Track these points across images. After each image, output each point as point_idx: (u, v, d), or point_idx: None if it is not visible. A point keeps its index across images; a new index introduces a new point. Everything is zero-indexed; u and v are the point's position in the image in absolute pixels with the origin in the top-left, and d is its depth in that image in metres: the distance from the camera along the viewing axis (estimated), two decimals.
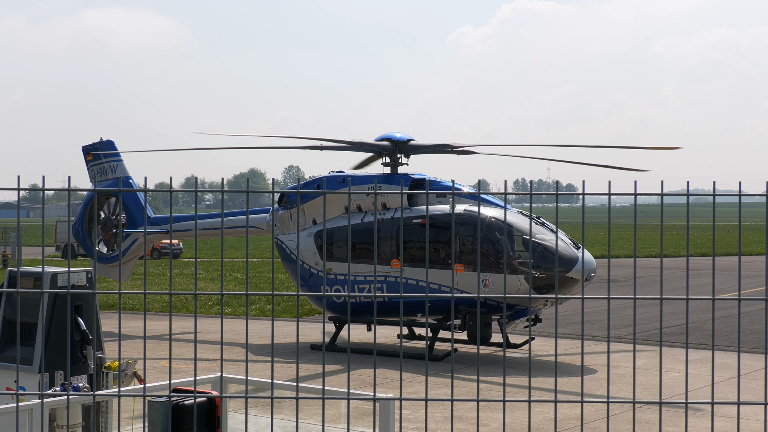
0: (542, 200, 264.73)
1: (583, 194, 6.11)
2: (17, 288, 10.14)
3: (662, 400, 5.87)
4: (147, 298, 32.11)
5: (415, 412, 14.45)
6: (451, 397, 5.25)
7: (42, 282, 10.02)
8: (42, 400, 6.41)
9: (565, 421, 13.97)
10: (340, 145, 21.81)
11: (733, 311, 28.04)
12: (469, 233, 20.26)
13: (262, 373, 17.99)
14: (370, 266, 20.92)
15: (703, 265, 49.01)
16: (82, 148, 26.36)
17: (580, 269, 19.33)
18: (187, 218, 25.11)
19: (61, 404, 8.35)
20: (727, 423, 13.72)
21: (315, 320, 27.30)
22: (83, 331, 9.77)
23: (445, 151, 21.97)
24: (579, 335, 23.53)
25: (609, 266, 8.04)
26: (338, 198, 21.72)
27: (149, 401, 6.48)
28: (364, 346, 21.56)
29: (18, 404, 6.18)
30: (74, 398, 7.48)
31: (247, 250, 5.14)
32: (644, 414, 14.44)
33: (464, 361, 19.98)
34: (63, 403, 8.30)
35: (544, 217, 22.54)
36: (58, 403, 8.24)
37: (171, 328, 5.08)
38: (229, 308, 30.06)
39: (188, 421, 6.35)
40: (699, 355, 20.56)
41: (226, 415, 6.61)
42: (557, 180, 6.41)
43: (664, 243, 77.10)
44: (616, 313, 27.67)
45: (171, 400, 6.31)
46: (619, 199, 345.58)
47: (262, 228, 23.67)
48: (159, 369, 18.21)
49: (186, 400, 6.41)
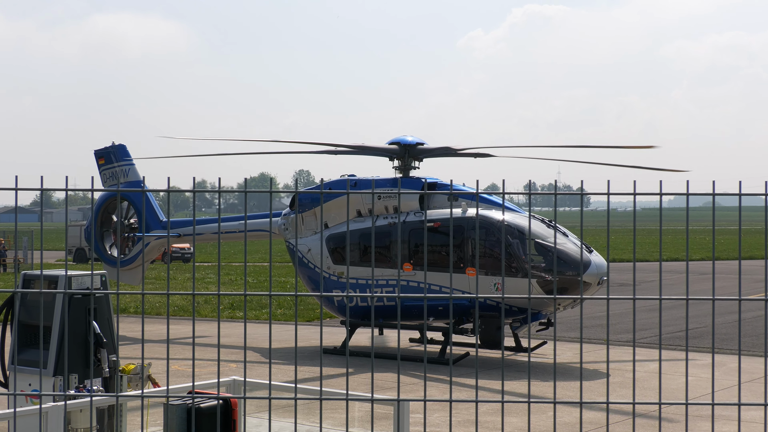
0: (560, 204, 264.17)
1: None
2: (38, 290, 10.16)
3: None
4: (155, 304, 32.14)
5: (428, 416, 14.41)
6: (475, 398, 5.22)
7: (57, 285, 10.04)
8: (65, 401, 6.40)
9: (583, 425, 13.90)
10: (351, 149, 21.83)
11: (748, 314, 27.91)
12: (482, 237, 20.22)
13: (274, 377, 17.97)
14: (381, 270, 20.89)
15: (727, 268, 48.80)
16: (94, 152, 26.41)
17: (592, 273, 19.28)
18: (203, 222, 25.08)
19: (75, 407, 8.35)
20: (732, 428, 13.62)
21: (329, 324, 27.29)
22: (97, 335, 9.77)
23: (456, 154, 21.95)
24: (590, 340, 23.45)
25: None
26: (351, 202, 21.71)
27: (166, 404, 6.46)
28: (376, 351, 21.53)
29: (40, 406, 6.16)
30: (95, 400, 7.47)
31: (270, 249, 5.13)
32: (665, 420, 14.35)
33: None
34: (77, 407, 8.29)
35: (560, 221, 22.50)
36: (73, 406, 8.23)
37: (194, 330, 5.07)
38: (239, 311, 30.05)
39: (205, 424, 6.34)
40: (710, 359, 20.45)
41: (244, 418, 6.60)
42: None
43: (676, 247, 76.61)
44: (628, 317, 27.58)
45: (191, 402, 6.30)
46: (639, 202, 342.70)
47: (274, 232, 23.68)
48: (171, 373, 18.19)
49: (203, 403, 6.40)
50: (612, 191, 5.98)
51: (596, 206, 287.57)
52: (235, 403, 6.54)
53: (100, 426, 9.49)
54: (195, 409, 6.27)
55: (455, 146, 21.31)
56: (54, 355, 9.80)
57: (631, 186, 6.04)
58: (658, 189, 5.11)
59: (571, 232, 21.04)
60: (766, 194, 6.09)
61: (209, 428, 6.43)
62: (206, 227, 24.35)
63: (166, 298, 5.05)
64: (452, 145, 21.41)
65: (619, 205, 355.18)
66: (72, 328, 9.77)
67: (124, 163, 25.86)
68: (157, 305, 31.39)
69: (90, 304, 9.90)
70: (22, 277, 10.55)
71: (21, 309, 10.20)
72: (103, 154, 26.06)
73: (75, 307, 9.73)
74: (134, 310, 30.36)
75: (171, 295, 6.10)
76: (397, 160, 21.98)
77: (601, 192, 6.05)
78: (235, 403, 6.54)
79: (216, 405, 6.38)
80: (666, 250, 70.15)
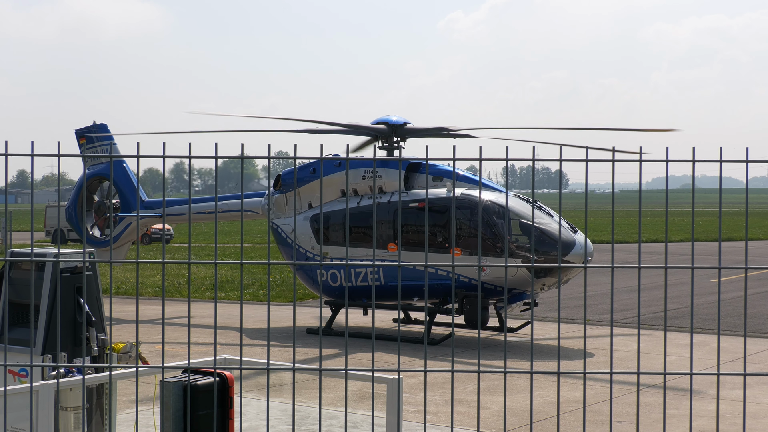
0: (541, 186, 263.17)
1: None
2: (23, 269, 10.05)
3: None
4: (139, 283, 31.99)
5: (415, 395, 14.42)
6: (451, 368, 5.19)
7: (45, 264, 9.92)
8: (58, 380, 6.32)
9: (565, 404, 13.96)
10: (336, 128, 21.69)
11: (728, 295, 28.10)
12: (466, 217, 20.21)
13: (261, 356, 17.93)
14: (365, 250, 20.86)
15: (707, 250, 49.10)
16: (75, 132, 26.17)
17: (577, 253, 19.32)
18: (180, 202, 24.93)
19: (65, 386, 8.27)
20: (726, 406, 13.73)
21: (311, 305, 27.25)
22: (86, 313, 9.68)
23: (441, 134, 21.89)
24: (575, 320, 23.55)
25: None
26: (334, 182, 21.64)
27: (162, 381, 6.40)
28: (360, 330, 21.52)
29: (31, 384, 6.09)
30: (88, 378, 7.40)
31: (242, 215, 5.06)
32: (644, 397, 14.44)
33: (462, 344, 19.95)
34: (67, 385, 8.21)
35: (542, 202, 22.52)
36: (63, 385, 8.15)
37: (190, 298, 5.01)
38: (222, 292, 29.98)
39: (201, 401, 6.28)
40: (697, 339, 20.55)
41: (240, 395, 6.55)
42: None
43: (654, 228, 76.88)
44: (608, 299, 27.70)
45: (186, 379, 6.24)
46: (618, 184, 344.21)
47: (257, 212, 23.57)
48: (156, 353, 18.11)
49: (199, 381, 6.34)
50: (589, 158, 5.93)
51: (575, 188, 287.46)
52: (232, 380, 6.49)
53: (89, 405, 9.42)
54: (192, 386, 6.21)
55: (450, 126, 21.17)
56: (42, 334, 9.70)
57: (610, 167, 6.01)
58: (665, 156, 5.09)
59: (555, 212, 21.06)
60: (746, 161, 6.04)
61: (205, 405, 6.38)
62: (193, 207, 24.19)
63: (161, 267, 4.99)
64: (447, 126, 21.27)
65: (597, 187, 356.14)
66: (61, 306, 9.67)
67: (106, 142, 25.65)
68: (142, 286, 31.22)
69: (76, 283, 9.80)
70: (8, 255, 10.42)
71: (9, 287, 10.09)
72: (84, 134, 25.83)
73: (64, 286, 9.63)
74: (116, 290, 30.18)
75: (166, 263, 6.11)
76: (383, 141, 21.89)
77: (580, 159, 5.98)
78: (232, 380, 6.49)
79: (213, 382, 6.32)
80: (645, 231, 70.49)
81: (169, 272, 36.67)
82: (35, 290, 9.89)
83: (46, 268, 9.76)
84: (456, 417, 13.02)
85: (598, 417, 13.13)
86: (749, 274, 30.23)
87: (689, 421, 5.39)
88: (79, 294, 9.64)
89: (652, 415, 13.29)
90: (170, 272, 36.62)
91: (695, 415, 13.04)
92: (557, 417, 5.31)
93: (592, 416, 13.17)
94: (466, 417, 13.09)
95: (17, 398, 7.81)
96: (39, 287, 9.83)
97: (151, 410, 10.03)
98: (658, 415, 13.11)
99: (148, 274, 35.92)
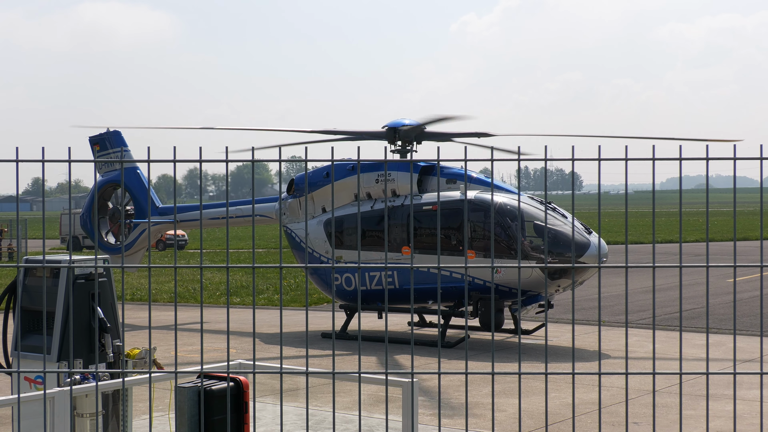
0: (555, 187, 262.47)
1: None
2: (38, 276, 10.08)
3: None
4: (152, 290, 32.08)
5: (431, 398, 14.39)
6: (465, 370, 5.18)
7: (60, 271, 9.95)
8: (71, 387, 6.33)
9: (581, 406, 13.91)
10: (347, 136, 21.66)
11: (745, 295, 27.95)
12: (480, 219, 20.17)
13: (277, 361, 17.93)
14: (379, 254, 20.84)
15: (722, 250, 48.88)
16: (89, 139, 26.26)
17: (592, 254, 19.26)
18: (193, 208, 25.00)
19: (80, 392, 8.29)
20: (743, 406, 13.65)
21: (325, 309, 27.25)
22: (101, 319, 9.70)
23: (454, 137, 21.83)
24: (590, 321, 23.47)
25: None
26: (347, 186, 21.64)
27: (177, 387, 6.41)
28: (374, 334, 21.50)
29: (44, 390, 6.11)
30: (103, 384, 7.41)
31: (253, 211, 5.06)
32: (661, 398, 14.37)
33: (477, 347, 19.91)
34: (83, 392, 8.23)
35: (556, 203, 22.45)
36: (78, 392, 8.17)
37: (202, 305, 5.01)
38: (237, 297, 30.02)
39: (216, 406, 6.28)
40: (713, 339, 20.44)
41: (254, 399, 6.55)
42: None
43: (670, 229, 76.52)
44: (623, 300, 27.58)
45: (200, 384, 6.24)
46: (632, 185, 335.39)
47: (270, 216, 23.59)
48: (171, 359, 18.14)
49: (214, 386, 6.34)
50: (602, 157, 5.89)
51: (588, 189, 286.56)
52: (246, 385, 6.49)
53: (105, 411, 9.44)
54: (206, 392, 6.21)
55: (463, 130, 20.98)
56: (58, 340, 9.72)
57: (624, 167, 5.97)
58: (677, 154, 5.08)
59: (569, 213, 20.99)
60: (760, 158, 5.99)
61: (220, 410, 6.38)
62: (206, 212, 24.26)
63: (173, 272, 4.98)
64: (460, 130, 21.08)
65: (612, 188, 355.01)
66: (75, 313, 9.70)
67: (119, 149, 25.72)
68: (154, 292, 31.31)
69: (91, 290, 9.83)
70: (24, 263, 10.46)
71: (23, 295, 10.12)
72: (98, 141, 25.92)
73: (78, 292, 9.66)
74: (130, 297, 30.27)
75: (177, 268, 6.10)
76: (393, 144, 21.85)
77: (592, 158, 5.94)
78: (246, 385, 6.49)
79: (227, 387, 6.32)
80: (660, 231, 70.25)
81: (183, 278, 36.76)
82: (50, 297, 9.92)
83: (60, 275, 9.79)
84: (472, 420, 12.99)
85: (614, 418, 13.08)
86: (765, 273, 30.10)
87: (706, 421, 5.36)
88: (94, 300, 9.66)
89: (669, 416, 13.22)
90: (185, 278, 36.71)
91: (712, 415, 12.98)
92: (572, 419, 5.29)
93: (608, 417, 13.12)
94: (482, 420, 13.06)
95: (33, 405, 7.83)
96: (54, 294, 9.87)
97: (167, 416, 10.06)
98: (675, 416, 13.05)
99: (163, 280, 36.01)
